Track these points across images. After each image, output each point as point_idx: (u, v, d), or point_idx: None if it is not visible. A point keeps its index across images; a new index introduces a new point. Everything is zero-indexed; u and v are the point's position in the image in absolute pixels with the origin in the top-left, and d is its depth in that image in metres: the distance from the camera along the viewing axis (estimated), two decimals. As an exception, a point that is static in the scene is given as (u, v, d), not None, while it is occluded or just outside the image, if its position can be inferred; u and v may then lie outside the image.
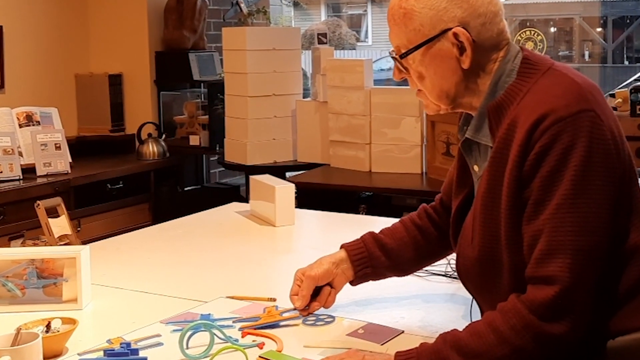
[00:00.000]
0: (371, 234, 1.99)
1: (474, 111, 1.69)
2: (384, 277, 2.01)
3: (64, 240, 2.57)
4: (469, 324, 1.55)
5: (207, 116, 5.27)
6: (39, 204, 2.57)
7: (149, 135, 5.20)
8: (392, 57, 1.70)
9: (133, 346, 1.71)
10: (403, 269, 2.00)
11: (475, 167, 1.72)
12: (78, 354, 1.75)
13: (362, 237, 1.99)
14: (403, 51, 1.65)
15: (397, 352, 1.57)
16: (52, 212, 2.62)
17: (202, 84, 5.54)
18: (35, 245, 2.59)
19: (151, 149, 5.14)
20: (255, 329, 1.86)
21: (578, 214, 1.47)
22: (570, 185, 1.48)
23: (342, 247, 1.99)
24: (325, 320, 1.92)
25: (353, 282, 1.98)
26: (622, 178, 1.53)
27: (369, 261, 1.95)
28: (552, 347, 1.47)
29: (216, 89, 5.16)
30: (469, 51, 1.61)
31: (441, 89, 1.66)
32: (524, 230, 1.53)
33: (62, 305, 2.03)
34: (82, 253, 2.06)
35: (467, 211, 1.74)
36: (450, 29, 1.60)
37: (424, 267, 2.07)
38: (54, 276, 2.04)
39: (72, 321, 1.81)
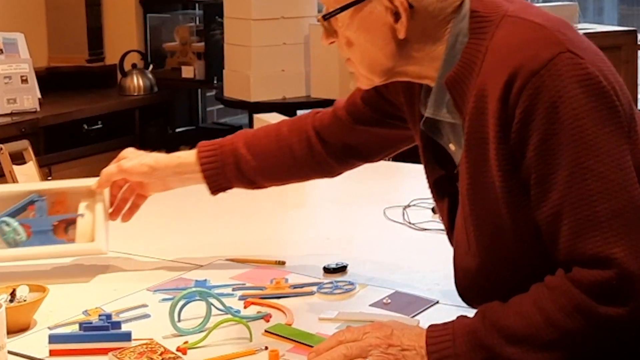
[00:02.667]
0: (234, 144, 2.04)
1: (425, 81, 1.65)
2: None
3: (31, 191, 2.56)
4: (514, 298, 1.52)
5: (202, 43, 5.26)
6: (2, 148, 2.57)
7: (134, 66, 5.19)
8: (317, 19, 1.68)
9: (114, 318, 1.71)
10: (260, 186, 2.11)
11: (452, 147, 1.68)
12: (48, 328, 1.74)
13: (222, 145, 2.05)
14: (330, 10, 1.63)
15: (430, 326, 1.55)
16: (18, 158, 2.61)
17: (196, 5, 5.52)
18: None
19: (136, 82, 5.14)
20: (260, 298, 1.86)
21: (595, 176, 1.43)
22: (573, 147, 1.43)
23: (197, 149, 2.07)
24: (345, 287, 1.91)
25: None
26: (628, 115, 1.49)
27: (224, 181, 2.07)
28: (609, 331, 1.45)
29: (214, 11, 5.15)
30: (404, 19, 1.57)
31: (372, 60, 1.64)
32: (536, 216, 1.50)
33: (81, 249, 2.05)
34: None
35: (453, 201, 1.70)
36: None
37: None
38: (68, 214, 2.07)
39: (41, 289, 1.81)
